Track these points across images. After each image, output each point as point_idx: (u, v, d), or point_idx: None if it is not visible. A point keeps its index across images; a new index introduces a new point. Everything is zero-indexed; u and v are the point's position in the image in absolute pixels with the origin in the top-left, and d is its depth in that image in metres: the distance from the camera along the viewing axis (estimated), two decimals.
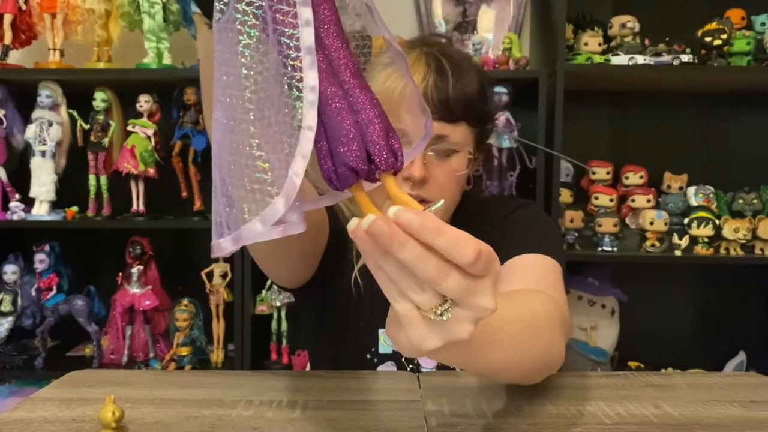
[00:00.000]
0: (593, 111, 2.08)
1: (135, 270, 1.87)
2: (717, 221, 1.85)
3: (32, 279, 1.88)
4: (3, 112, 1.83)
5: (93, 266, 2.07)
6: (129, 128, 1.84)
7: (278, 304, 1.87)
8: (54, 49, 1.85)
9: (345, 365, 0.98)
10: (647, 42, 1.87)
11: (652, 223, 1.85)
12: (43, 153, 1.82)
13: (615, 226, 1.85)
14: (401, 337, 0.46)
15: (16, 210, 1.82)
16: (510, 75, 1.78)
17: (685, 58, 1.81)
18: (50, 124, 1.82)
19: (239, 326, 1.81)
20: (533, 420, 0.70)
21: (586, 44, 1.83)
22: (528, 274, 0.89)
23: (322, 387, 0.81)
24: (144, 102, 1.85)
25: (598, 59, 1.83)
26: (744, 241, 1.85)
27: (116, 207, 1.88)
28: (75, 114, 1.85)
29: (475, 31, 1.97)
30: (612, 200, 1.90)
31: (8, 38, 1.84)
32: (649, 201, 1.89)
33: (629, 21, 1.86)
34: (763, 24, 1.87)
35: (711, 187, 1.92)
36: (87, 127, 1.85)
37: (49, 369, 1.82)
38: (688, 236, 1.86)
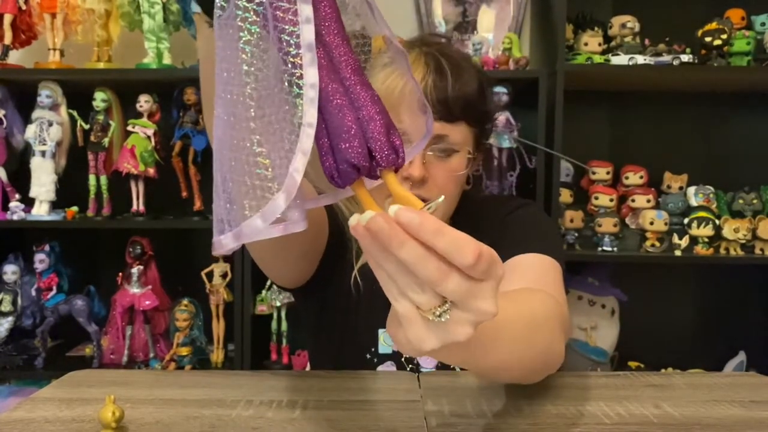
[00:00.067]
0: (593, 111, 2.08)
1: (135, 270, 1.87)
2: (717, 221, 1.85)
3: (32, 279, 1.88)
4: (3, 112, 1.83)
5: (93, 266, 2.07)
6: (129, 128, 1.84)
7: (278, 304, 1.87)
8: (54, 49, 1.85)
9: (345, 365, 0.98)
10: (647, 42, 1.87)
11: (652, 223, 1.85)
12: (43, 153, 1.82)
13: (615, 226, 1.85)
14: (401, 336, 0.46)
15: (16, 210, 1.82)
16: (510, 75, 1.78)
17: (685, 58, 1.81)
18: (50, 124, 1.82)
19: (239, 326, 1.81)
20: (533, 420, 0.70)
21: (586, 44, 1.83)
22: (528, 274, 0.89)
23: (322, 387, 0.81)
24: (144, 102, 1.85)
25: (598, 59, 1.83)
26: (744, 241, 1.85)
27: (116, 207, 1.88)
28: (75, 114, 1.85)
29: (475, 31, 1.97)
30: (612, 200, 1.90)
31: (8, 38, 1.84)
32: (649, 201, 1.89)
33: (629, 21, 1.86)
34: (763, 24, 1.87)
35: (711, 187, 1.92)
36: (87, 127, 1.85)
37: (49, 369, 1.82)
38: (688, 236, 1.86)
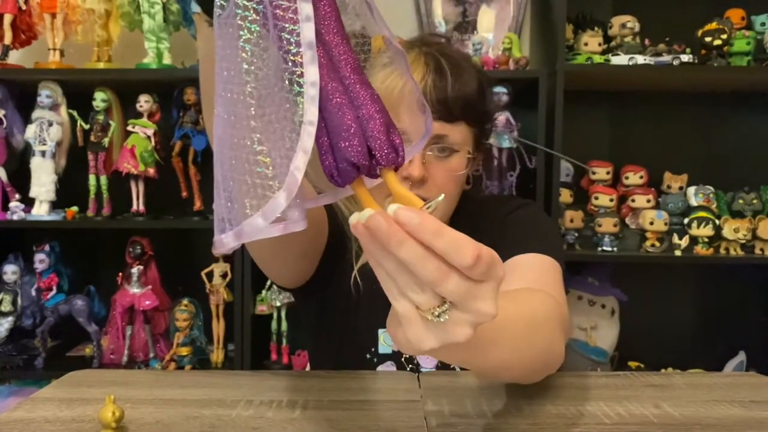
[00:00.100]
0: (593, 111, 2.08)
1: (135, 270, 1.87)
2: (717, 221, 1.85)
3: (32, 279, 1.88)
4: (3, 112, 1.83)
5: (93, 266, 2.07)
6: (129, 128, 1.84)
7: (278, 304, 1.87)
8: (54, 49, 1.85)
9: (345, 365, 0.98)
10: (647, 42, 1.87)
11: (652, 223, 1.85)
12: (43, 153, 1.82)
13: (615, 226, 1.85)
14: (400, 336, 0.46)
15: (16, 210, 1.82)
16: (510, 75, 1.78)
17: (685, 58, 1.81)
18: (50, 124, 1.82)
19: (239, 326, 1.81)
20: (533, 420, 0.70)
21: (586, 44, 1.83)
22: (528, 274, 0.89)
23: (322, 387, 0.81)
24: (144, 102, 1.85)
25: (598, 59, 1.83)
26: (744, 241, 1.85)
27: (116, 207, 1.88)
28: (75, 114, 1.85)
29: (475, 31, 1.97)
30: (612, 200, 1.90)
31: (8, 38, 1.84)
32: (649, 201, 1.89)
33: (629, 21, 1.86)
34: (763, 24, 1.87)
35: (711, 187, 1.92)
36: (87, 127, 1.85)
37: (49, 369, 1.82)
38: (688, 236, 1.86)
